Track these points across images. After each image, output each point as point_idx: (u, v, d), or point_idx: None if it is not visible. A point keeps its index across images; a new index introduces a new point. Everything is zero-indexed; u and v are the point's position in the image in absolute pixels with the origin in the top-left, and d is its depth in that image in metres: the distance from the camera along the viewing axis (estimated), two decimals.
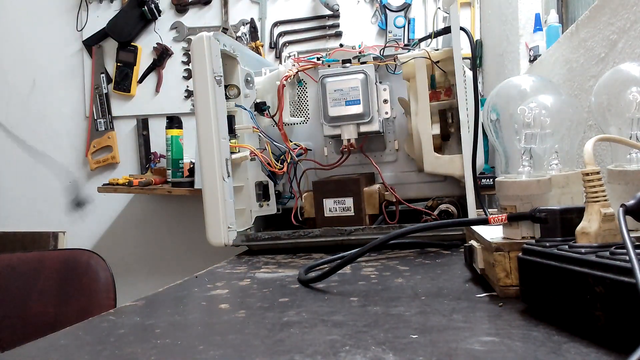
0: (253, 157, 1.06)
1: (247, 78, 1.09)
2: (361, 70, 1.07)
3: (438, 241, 0.93)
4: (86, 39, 2.38)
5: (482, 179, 1.48)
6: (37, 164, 2.46)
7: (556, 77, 1.09)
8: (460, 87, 0.93)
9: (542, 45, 1.35)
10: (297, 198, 1.10)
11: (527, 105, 0.62)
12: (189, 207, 2.29)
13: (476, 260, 0.62)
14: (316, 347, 0.44)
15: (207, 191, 0.97)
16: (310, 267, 0.77)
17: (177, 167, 2.07)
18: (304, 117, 1.17)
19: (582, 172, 0.46)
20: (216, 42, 0.98)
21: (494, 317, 0.50)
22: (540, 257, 0.47)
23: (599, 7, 0.86)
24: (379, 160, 1.13)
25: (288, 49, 2.24)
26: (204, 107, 0.97)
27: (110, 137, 2.38)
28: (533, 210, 0.53)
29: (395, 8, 2.13)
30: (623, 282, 0.36)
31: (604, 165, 0.74)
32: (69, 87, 2.43)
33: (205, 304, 0.66)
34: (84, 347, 0.50)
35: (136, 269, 2.35)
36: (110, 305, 1.53)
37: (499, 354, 0.40)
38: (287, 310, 0.57)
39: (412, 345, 0.43)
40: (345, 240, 0.97)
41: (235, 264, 0.93)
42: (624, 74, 0.57)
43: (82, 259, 1.60)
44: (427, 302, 0.56)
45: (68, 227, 2.43)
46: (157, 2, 2.31)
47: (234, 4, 2.28)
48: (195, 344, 0.48)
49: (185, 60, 2.32)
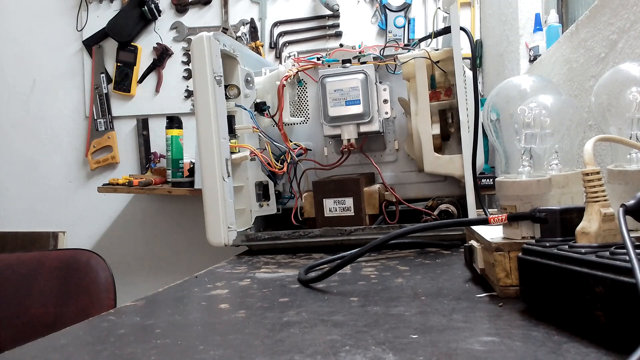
0: (253, 157, 1.06)
1: (247, 78, 1.09)
2: (361, 70, 1.07)
3: (438, 241, 0.93)
4: (86, 39, 2.38)
5: (482, 179, 1.48)
6: (37, 164, 2.46)
7: (556, 77, 1.08)
8: (460, 87, 0.93)
9: (542, 45, 1.35)
10: (297, 198, 1.11)
11: (527, 105, 0.62)
12: (189, 207, 2.29)
13: (476, 260, 0.62)
14: (316, 347, 0.44)
15: (207, 191, 0.97)
16: (310, 267, 0.77)
17: (177, 167, 2.07)
18: (304, 117, 1.17)
19: (582, 172, 0.46)
20: (216, 42, 0.98)
21: (494, 317, 0.50)
22: (540, 257, 0.47)
23: (599, 7, 0.86)
24: (379, 160, 1.13)
25: (288, 49, 2.24)
26: (204, 107, 0.97)
27: (110, 137, 2.38)
28: (533, 210, 0.53)
29: (395, 8, 2.13)
30: (623, 282, 0.36)
31: (604, 165, 0.74)
32: (69, 87, 2.43)
33: (205, 304, 0.66)
34: (84, 347, 0.50)
35: (136, 269, 2.35)
36: (110, 305, 1.53)
37: (499, 354, 0.40)
38: (287, 310, 0.57)
39: (412, 345, 0.43)
40: (345, 240, 0.97)
41: (235, 264, 0.93)
42: (624, 74, 0.57)
43: (82, 259, 1.60)
44: (427, 302, 0.56)
45: (68, 227, 2.43)
46: (157, 2, 2.31)
47: (234, 4, 2.28)
48: (195, 344, 0.48)
49: (185, 60, 2.32)
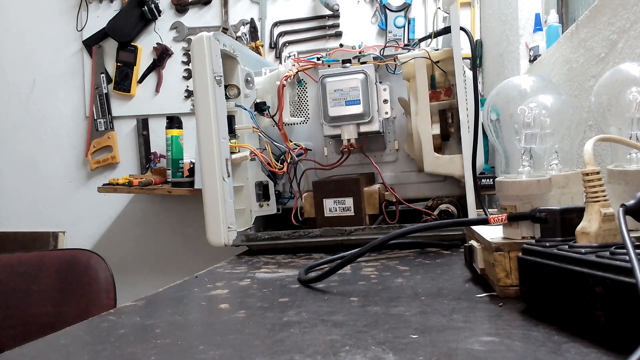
0: (253, 157, 1.06)
1: (247, 78, 1.09)
2: (361, 70, 1.07)
3: (438, 241, 0.93)
4: (86, 39, 2.38)
5: (482, 179, 1.48)
6: (37, 164, 2.46)
7: (556, 77, 1.08)
8: (460, 87, 0.93)
9: (542, 45, 1.35)
10: (297, 198, 1.11)
11: (527, 105, 0.62)
12: (189, 207, 2.29)
13: (476, 260, 0.62)
14: (316, 347, 0.44)
15: (207, 191, 0.97)
16: (310, 267, 0.77)
17: (177, 167, 2.07)
18: (304, 117, 1.17)
19: (582, 172, 0.46)
20: (216, 42, 0.98)
21: (494, 317, 0.50)
22: (540, 257, 0.47)
23: (599, 7, 0.86)
24: (379, 160, 1.13)
25: (288, 49, 2.23)
26: (204, 107, 0.97)
27: (110, 137, 2.38)
28: (533, 210, 0.53)
29: (395, 8, 2.13)
30: (623, 282, 0.36)
31: (604, 165, 0.74)
32: (69, 87, 2.43)
33: (205, 304, 0.66)
34: (84, 347, 0.50)
35: (136, 269, 2.35)
36: (110, 305, 1.53)
37: (499, 354, 0.40)
38: (287, 310, 0.57)
39: (412, 345, 0.43)
40: (345, 240, 0.97)
41: (235, 264, 0.93)
42: (624, 74, 0.57)
43: (82, 259, 1.60)
44: (427, 302, 0.56)
45: (68, 227, 2.43)
46: (157, 2, 2.31)
47: (234, 4, 2.28)
48: (195, 344, 0.47)
49: (185, 60, 2.32)
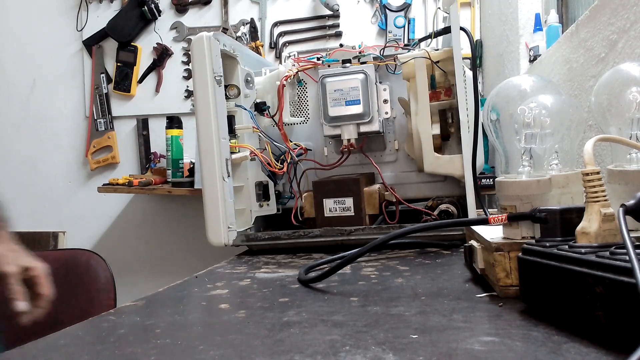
0: (253, 157, 1.06)
1: (247, 78, 1.09)
2: (361, 70, 1.07)
3: (438, 241, 0.93)
4: (86, 39, 2.38)
5: (482, 179, 1.48)
6: (37, 164, 2.46)
7: (556, 77, 1.08)
8: (460, 87, 0.93)
9: (542, 45, 1.35)
10: (297, 198, 1.11)
11: (527, 105, 0.62)
12: (189, 207, 2.29)
13: (476, 260, 0.62)
14: (316, 347, 0.44)
15: (207, 191, 0.97)
16: (310, 267, 0.77)
17: (177, 167, 2.07)
18: (304, 117, 1.17)
19: (582, 172, 0.46)
20: (216, 42, 0.98)
21: (494, 317, 0.50)
22: (540, 257, 0.47)
23: (599, 7, 0.86)
24: (379, 160, 1.13)
25: (288, 49, 2.23)
26: (204, 107, 0.97)
27: (110, 137, 2.38)
28: (533, 210, 0.53)
29: (395, 8, 2.13)
30: (623, 282, 0.36)
31: (604, 165, 0.74)
32: (69, 87, 2.43)
33: (205, 304, 0.66)
34: (84, 347, 0.50)
35: (136, 269, 2.35)
36: (110, 305, 1.53)
37: (499, 354, 0.40)
38: (287, 310, 0.57)
39: (412, 345, 0.43)
40: (345, 240, 0.97)
41: (235, 264, 0.93)
42: (624, 74, 0.57)
43: (82, 259, 1.60)
44: (427, 302, 0.56)
45: (68, 227, 2.42)
46: (157, 2, 2.31)
47: (234, 4, 2.28)
48: (195, 344, 0.47)
49: (185, 60, 2.32)
